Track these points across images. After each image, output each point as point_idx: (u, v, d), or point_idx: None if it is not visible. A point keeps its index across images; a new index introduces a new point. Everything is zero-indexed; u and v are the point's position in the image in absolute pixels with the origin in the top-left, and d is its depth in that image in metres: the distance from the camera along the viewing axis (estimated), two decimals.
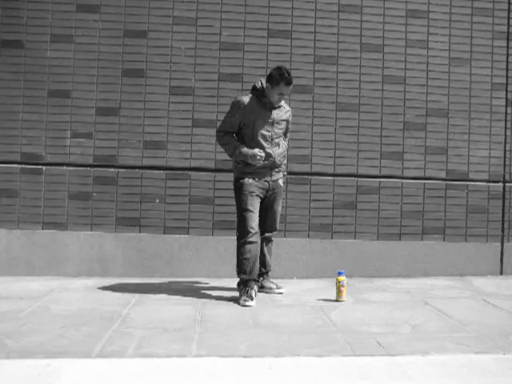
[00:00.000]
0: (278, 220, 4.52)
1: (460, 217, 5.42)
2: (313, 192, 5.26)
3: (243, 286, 4.20)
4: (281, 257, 5.18)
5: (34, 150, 5.08)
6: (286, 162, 4.58)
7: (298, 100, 5.24)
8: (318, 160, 5.27)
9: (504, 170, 5.50)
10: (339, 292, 4.14)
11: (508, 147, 5.50)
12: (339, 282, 4.13)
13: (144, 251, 5.08)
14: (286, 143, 4.46)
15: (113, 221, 5.11)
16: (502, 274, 5.45)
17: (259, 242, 4.31)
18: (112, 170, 5.12)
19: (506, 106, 5.50)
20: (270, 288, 4.52)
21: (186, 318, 3.68)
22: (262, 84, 4.25)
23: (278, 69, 4.17)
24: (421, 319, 3.73)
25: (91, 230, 5.09)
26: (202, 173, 5.16)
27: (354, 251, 5.27)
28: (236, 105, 4.23)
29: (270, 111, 4.25)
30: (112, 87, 5.13)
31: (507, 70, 5.49)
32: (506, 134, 5.50)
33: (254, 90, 4.29)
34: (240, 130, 4.27)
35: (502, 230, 5.48)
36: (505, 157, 5.50)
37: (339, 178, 5.29)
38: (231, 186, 4.93)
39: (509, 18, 5.49)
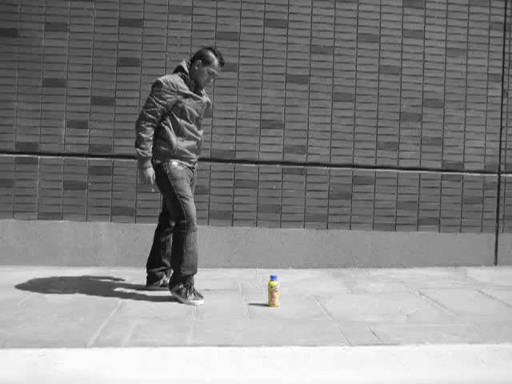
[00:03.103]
0: None
1: (455, 207, 5.44)
2: (308, 182, 5.26)
3: (185, 282, 3.81)
4: (276, 247, 5.19)
5: (29, 139, 5.06)
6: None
7: (295, 90, 5.23)
8: (314, 150, 5.27)
9: (499, 160, 5.51)
10: (272, 297, 3.77)
11: (503, 138, 5.51)
12: (271, 286, 3.76)
13: (139, 241, 5.08)
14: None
15: (108, 210, 5.10)
16: (496, 264, 5.47)
17: None
18: (107, 159, 5.10)
19: (502, 97, 5.50)
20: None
21: (182, 307, 3.68)
22: (187, 65, 3.98)
23: (209, 48, 4.00)
24: (415, 309, 3.75)
25: (87, 220, 5.08)
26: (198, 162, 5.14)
27: (349, 241, 5.29)
28: (166, 87, 3.79)
29: (198, 93, 3.98)
30: (107, 76, 5.11)
31: (503, 60, 5.49)
32: (501, 125, 5.51)
33: (180, 70, 3.96)
34: (166, 113, 3.88)
35: (497, 221, 5.50)
36: (500, 148, 5.51)
37: (335, 169, 5.29)
38: (227, 175, 4.96)
39: (506, 8, 5.48)
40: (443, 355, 2.85)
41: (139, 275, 4.65)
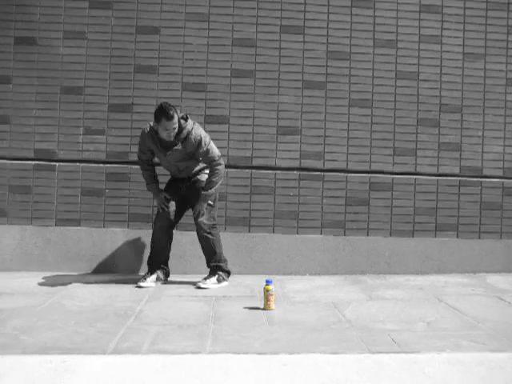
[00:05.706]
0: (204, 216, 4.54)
1: (474, 213, 5.38)
2: (325, 189, 5.24)
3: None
4: (293, 253, 5.17)
5: (47, 146, 5.10)
6: (214, 188, 4.45)
7: (311, 96, 5.22)
8: (331, 156, 5.25)
9: None
10: (267, 301, 3.84)
11: None
12: (267, 291, 3.83)
13: None
14: (214, 170, 4.43)
15: (125, 217, 5.12)
16: None
17: (163, 235, 4.61)
18: (125, 166, 5.12)
19: None
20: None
21: (200, 314, 3.68)
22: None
23: (159, 106, 4.28)
24: (435, 316, 3.71)
25: (104, 227, 5.10)
26: None
27: (366, 248, 5.25)
28: (141, 137, 4.55)
29: (166, 148, 4.42)
30: (125, 84, 5.14)
31: None
32: None
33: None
34: None
35: None
36: None
37: (352, 175, 5.27)
38: (244, 182, 5.01)
39: None
40: (465, 364, 2.80)
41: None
